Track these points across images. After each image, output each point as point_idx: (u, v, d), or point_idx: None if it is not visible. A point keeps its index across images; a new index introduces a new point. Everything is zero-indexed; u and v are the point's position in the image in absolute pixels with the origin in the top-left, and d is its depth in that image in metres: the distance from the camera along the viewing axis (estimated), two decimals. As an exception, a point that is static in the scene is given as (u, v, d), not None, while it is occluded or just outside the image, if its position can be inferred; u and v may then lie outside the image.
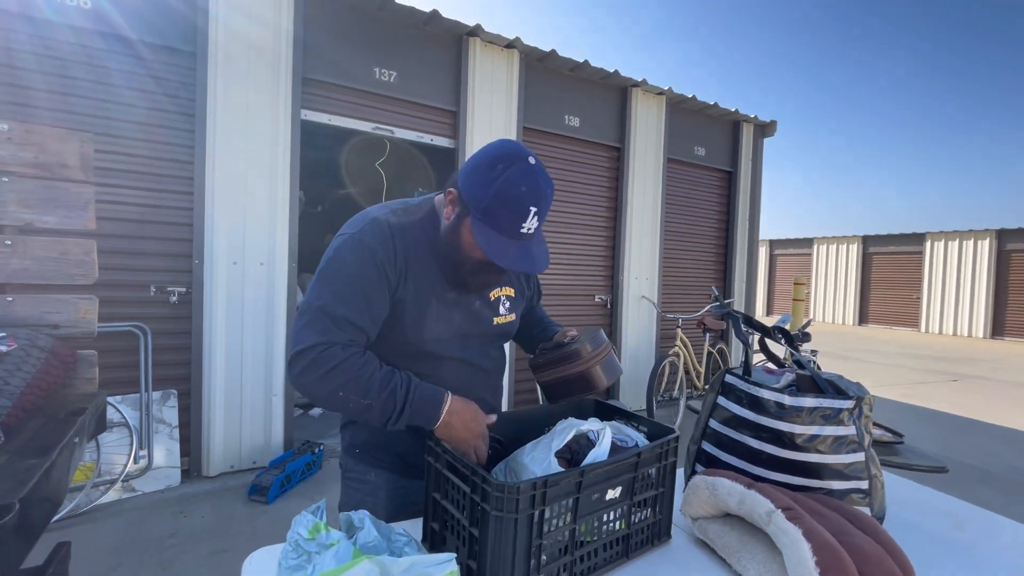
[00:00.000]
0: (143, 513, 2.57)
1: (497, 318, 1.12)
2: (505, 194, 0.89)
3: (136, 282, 2.84)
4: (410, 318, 1.00)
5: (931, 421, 5.00)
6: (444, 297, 1.03)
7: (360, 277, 0.94)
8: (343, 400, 0.91)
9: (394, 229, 0.98)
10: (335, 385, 0.90)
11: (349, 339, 0.92)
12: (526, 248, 0.94)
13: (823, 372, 1.13)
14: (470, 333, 1.08)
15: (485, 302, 1.10)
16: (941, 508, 1.18)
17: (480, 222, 0.92)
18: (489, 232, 0.91)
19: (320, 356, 0.90)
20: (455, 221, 0.97)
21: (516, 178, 0.90)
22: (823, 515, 0.86)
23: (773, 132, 5.60)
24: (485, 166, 0.92)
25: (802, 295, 5.27)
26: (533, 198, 0.91)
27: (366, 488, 1.11)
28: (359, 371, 0.90)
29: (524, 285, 1.23)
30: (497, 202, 0.90)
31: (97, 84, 2.72)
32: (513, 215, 0.90)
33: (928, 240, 14.03)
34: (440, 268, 1.02)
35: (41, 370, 1.26)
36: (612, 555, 0.89)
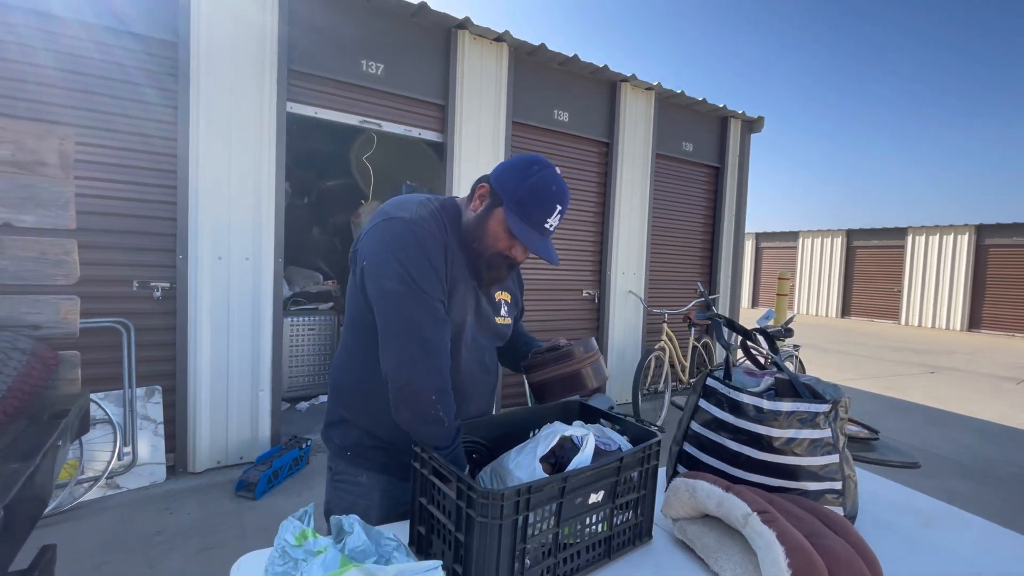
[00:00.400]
0: (128, 510, 2.55)
1: (498, 318, 1.19)
2: (538, 189, 1.03)
3: (118, 277, 2.79)
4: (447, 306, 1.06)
5: (907, 413, 5.14)
6: (468, 284, 1.11)
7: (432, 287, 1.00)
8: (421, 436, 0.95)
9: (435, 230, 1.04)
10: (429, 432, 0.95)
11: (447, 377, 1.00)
12: (545, 242, 1.07)
13: (801, 375, 1.17)
14: (481, 327, 1.15)
15: (490, 300, 1.18)
16: (911, 505, 1.23)
17: (513, 212, 1.04)
18: (519, 221, 1.04)
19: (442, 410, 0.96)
20: (484, 212, 1.07)
21: (549, 179, 1.05)
22: (797, 517, 0.90)
23: (760, 128, 5.65)
24: (522, 165, 1.06)
25: (786, 290, 5.35)
26: (560, 198, 1.05)
27: (358, 491, 1.12)
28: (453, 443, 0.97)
29: (519, 296, 1.31)
30: (531, 196, 1.03)
31: (75, 75, 2.65)
32: (542, 209, 1.04)
33: (910, 234, 14.29)
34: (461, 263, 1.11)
35: (23, 373, 1.24)
36: (595, 556, 0.91)
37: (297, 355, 4.27)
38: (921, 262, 14.02)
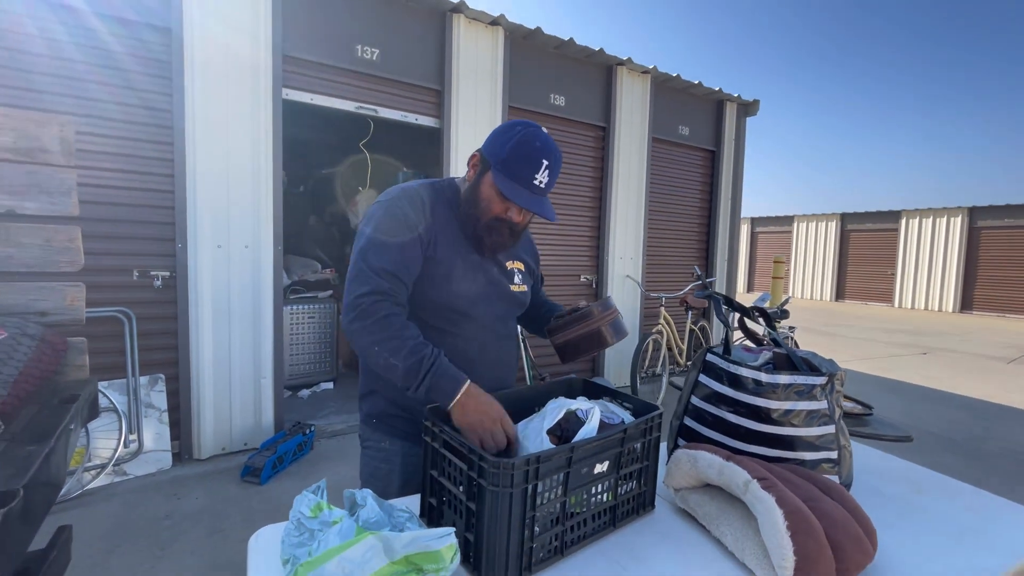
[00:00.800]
0: (136, 496, 2.59)
1: (513, 286, 1.22)
2: (521, 147, 1.05)
3: (118, 267, 2.79)
4: (440, 275, 1.11)
5: (900, 392, 5.23)
6: (469, 259, 1.14)
7: (396, 234, 1.07)
8: (377, 354, 1.00)
9: (424, 197, 1.13)
10: (376, 338, 1.00)
11: (390, 287, 1.03)
12: (538, 199, 1.08)
13: (798, 350, 1.20)
14: (492, 296, 1.18)
15: (502, 270, 1.21)
16: (904, 474, 1.27)
17: (500, 172, 1.07)
18: (506, 180, 1.06)
19: (371, 306, 1.01)
20: (476, 178, 1.11)
21: (531, 136, 1.06)
22: (795, 484, 0.93)
23: (756, 111, 5.64)
24: (505, 128, 1.09)
25: (781, 273, 5.39)
26: (545, 153, 1.06)
27: (381, 456, 1.19)
28: (399, 332, 1.00)
29: (533, 265, 1.33)
30: (514, 153, 1.05)
31: (68, 62, 2.62)
32: (528, 166, 1.05)
33: (903, 217, 14.36)
34: (462, 231, 1.14)
35: (33, 358, 1.26)
36: (600, 525, 0.95)
37: (297, 343, 4.29)
38: (915, 245, 14.11)
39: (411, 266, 1.07)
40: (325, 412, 3.83)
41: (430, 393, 0.98)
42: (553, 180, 1.09)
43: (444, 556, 0.73)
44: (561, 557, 0.88)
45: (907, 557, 0.91)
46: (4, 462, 1.02)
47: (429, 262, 1.10)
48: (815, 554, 0.78)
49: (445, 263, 1.11)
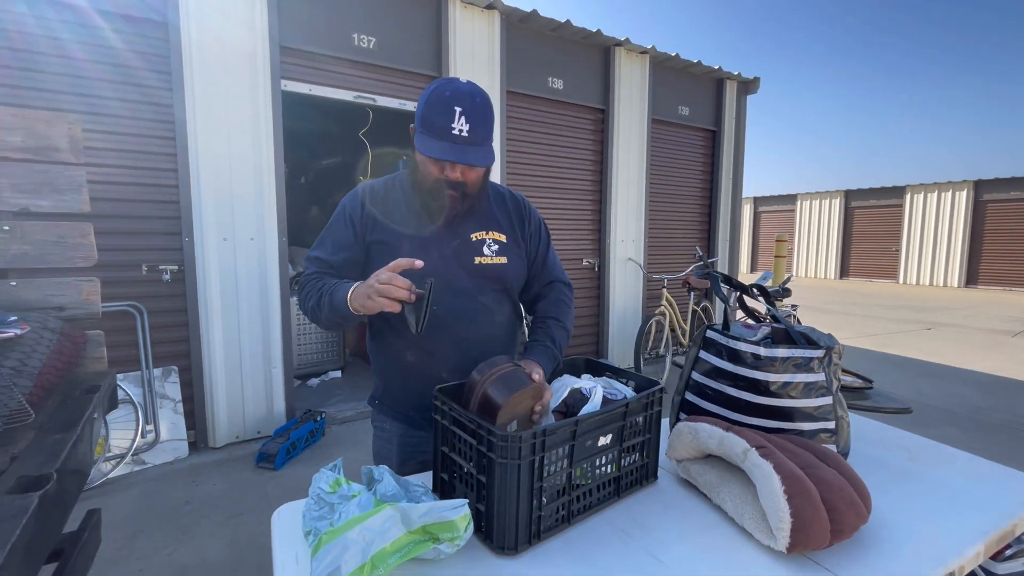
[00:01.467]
0: (156, 484, 2.67)
1: (480, 258, 1.18)
2: (431, 101, 1.05)
3: (127, 262, 2.84)
4: (385, 256, 1.11)
5: (903, 367, 5.26)
6: (417, 237, 1.15)
7: (332, 224, 1.21)
8: (312, 310, 1.13)
9: (365, 188, 1.21)
10: (302, 302, 1.16)
11: (317, 269, 1.17)
12: (460, 148, 1.05)
13: (797, 326, 1.23)
14: (449, 271, 1.14)
15: (465, 242, 1.17)
16: (900, 443, 1.31)
17: (420, 133, 1.07)
18: (426, 137, 1.06)
19: (299, 287, 1.19)
20: (413, 149, 1.13)
21: (441, 88, 1.05)
22: (792, 452, 0.97)
23: (756, 89, 5.59)
24: (424, 92, 1.09)
25: (784, 252, 5.40)
26: (456, 100, 1.03)
27: (384, 436, 1.25)
28: (310, 288, 1.14)
29: (519, 234, 1.25)
30: (427, 110, 1.05)
31: (70, 60, 2.63)
32: (442, 116, 1.03)
33: (908, 193, 14.24)
34: (419, 209, 1.17)
35: (54, 351, 1.31)
36: (605, 495, 0.99)
37: (305, 333, 4.35)
38: (919, 220, 14.02)
39: (340, 250, 1.17)
40: (334, 400, 3.90)
41: (335, 310, 1.06)
42: (479, 126, 1.04)
43: (458, 525, 0.77)
44: (568, 525, 0.92)
45: (899, 519, 0.95)
46: (36, 449, 1.07)
47: (375, 246, 1.17)
48: (810, 516, 0.82)
49: (389, 243, 1.15)
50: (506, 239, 1.22)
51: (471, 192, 1.13)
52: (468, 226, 1.18)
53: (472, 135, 1.04)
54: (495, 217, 1.24)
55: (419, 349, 1.16)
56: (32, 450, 1.06)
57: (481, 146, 1.06)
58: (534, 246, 1.30)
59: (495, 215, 1.24)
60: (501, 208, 1.26)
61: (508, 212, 1.27)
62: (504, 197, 1.29)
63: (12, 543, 0.79)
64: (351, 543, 0.71)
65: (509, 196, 1.30)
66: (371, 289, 0.96)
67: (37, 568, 0.92)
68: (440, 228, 1.16)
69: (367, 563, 0.70)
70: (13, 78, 2.52)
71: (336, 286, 1.07)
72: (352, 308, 1.02)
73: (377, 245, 1.16)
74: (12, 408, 1.08)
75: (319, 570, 0.69)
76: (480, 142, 1.06)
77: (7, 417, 1.05)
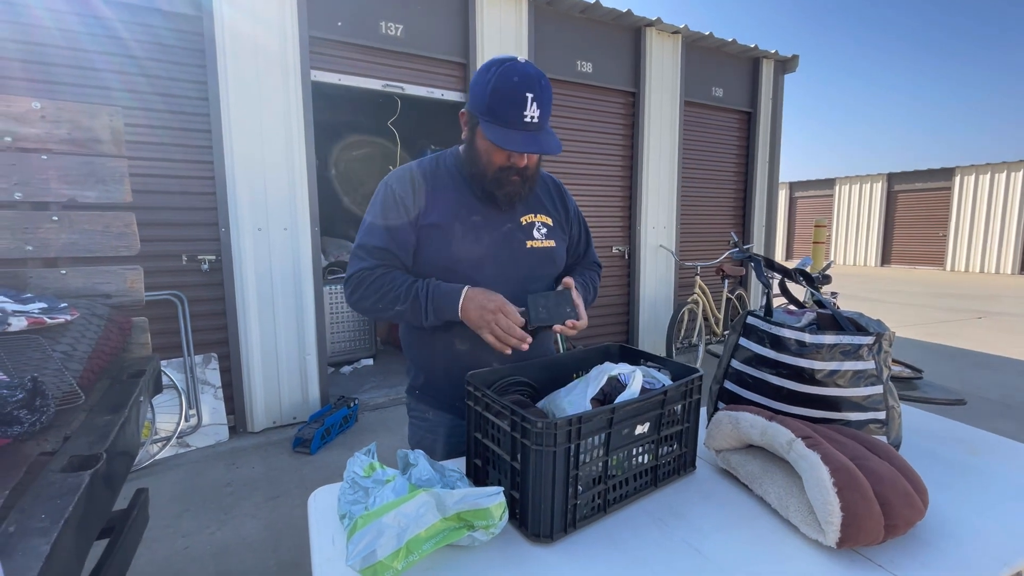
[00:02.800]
0: (199, 466, 2.77)
1: (531, 242, 1.17)
2: (500, 88, 1.00)
3: (168, 252, 2.93)
4: (438, 238, 1.12)
5: (952, 358, 5.01)
6: (469, 220, 1.13)
7: (383, 209, 1.13)
8: (383, 311, 1.09)
9: (414, 170, 1.16)
10: (375, 299, 1.09)
11: (378, 263, 1.11)
12: (533, 136, 1.03)
13: (844, 310, 1.16)
14: (502, 256, 1.14)
15: (517, 226, 1.17)
16: (956, 436, 1.23)
17: (488, 122, 1.02)
18: (496, 127, 1.02)
19: (358, 281, 1.10)
20: (469, 134, 1.10)
21: (508, 73, 1.00)
22: (841, 443, 0.92)
23: (795, 68, 5.35)
24: (480, 73, 1.04)
25: (823, 237, 5.19)
26: (526, 86, 1.00)
27: (426, 426, 1.23)
28: (388, 286, 1.08)
29: (563, 217, 1.26)
30: (496, 97, 1.00)
31: (108, 56, 2.71)
32: (512, 104, 1.00)
33: (958, 175, 13.48)
34: (468, 193, 1.14)
35: (102, 337, 1.36)
36: (642, 484, 0.97)
37: (337, 321, 4.43)
38: (970, 203, 13.26)
39: (400, 239, 1.11)
40: (367, 387, 3.97)
41: (439, 316, 1.05)
42: (547, 110, 1.04)
43: (493, 513, 0.76)
44: (604, 514, 0.90)
45: (960, 515, 0.89)
46: (86, 431, 1.11)
47: (426, 230, 1.12)
48: (863, 510, 0.78)
49: (442, 227, 1.11)
50: (552, 222, 1.22)
51: (531, 175, 1.13)
52: (518, 209, 1.18)
53: (541, 120, 1.03)
54: (540, 200, 1.23)
55: (468, 338, 1.12)
56: (83, 431, 1.11)
57: (548, 131, 1.06)
58: (576, 231, 1.31)
59: (540, 198, 1.23)
60: (544, 191, 1.25)
61: (551, 195, 1.26)
62: (545, 180, 1.27)
63: (66, 519, 0.82)
64: (386, 528, 0.71)
65: (549, 179, 1.29)
66: (486, 324, 1.01)
67: (89, 543, 0.96)
68: (491, 211, 1.14)
69: (402, 548, 0.70)
70: (57, 74, 2.61)
71: (438, 291, 1.05)
72: (462, 318, 1.04)
73: (429, 229, 1.12)
74: (64, 391, 1.13)
75: (355, 553, 0.69)
76: (546, 126, 1.06)
77: (60, 399, 1.10)
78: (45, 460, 0.99)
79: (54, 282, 1.47)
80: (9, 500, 0.86)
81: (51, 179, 1.42)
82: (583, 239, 1.33)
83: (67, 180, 1.44)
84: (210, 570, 1.95)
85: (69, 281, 1.48)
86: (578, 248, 1.32)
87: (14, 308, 1.20)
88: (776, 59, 5.25)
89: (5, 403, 0.90)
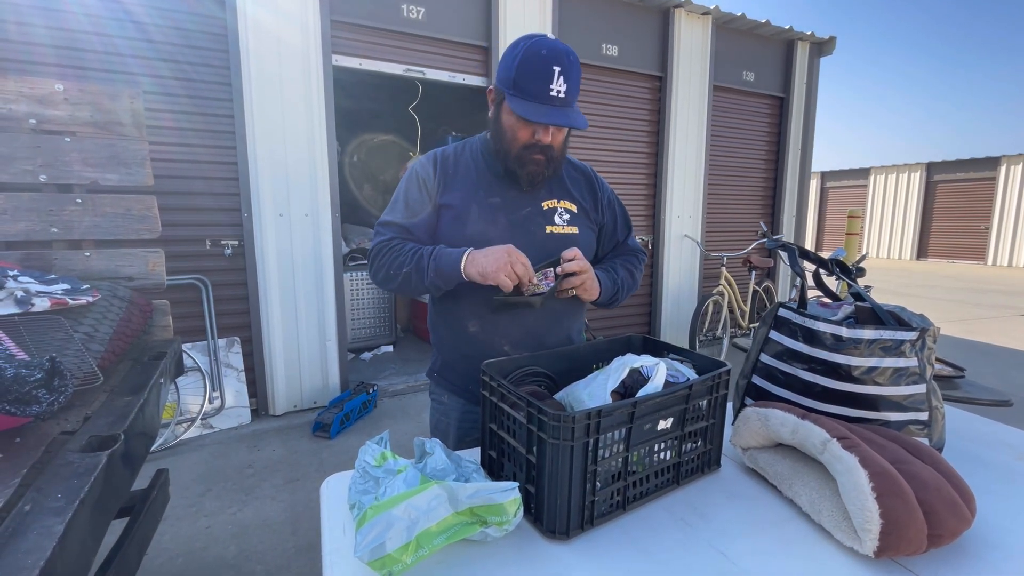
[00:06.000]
0: (222, 447, 2.83)
1: (551, 227, 1.16)
2: (527, 61, 0.99)
3: (192, 236, 2.97)
4: (453, 218, 1.13)
5: (994, 356, 4.78)
6: (487, 202, 1.13)
7: (405, 189, 1.16)
8: (394, 278, 1.09)
9: (438, 154, 1.17)
10: (385, 269, 1.10)
11: (395, 234, 1.13)
12: (559, 111, 1.02)
13: (885, 304, 1.09)
14: (518, 237, 1.12)
15: (537, 210, 1.16)
16: (1003, 439, 1.15)
17: (514, 96, 1.01)
18: (521, 100, 1.01)
19: (376, 252, 1.13)
20: (495, 110, 1.10)
21: (535, 47, 1.00)
22: (880, 445, 0.86)
23: (831, 51, 5.12)
24: (508, 50, 1.04)
25: (856, 229, 4.98)
26: (554, 58, 0.99)
27: (441, 409, 1.24)
28: (396, 252, 1.10)
29: (590, 205, 1.24)
30: (522, 71, 1.00)
31: (130, 41, 2.74)
32: (539, 77, 0.99)
33: (1003, 164, 12.82)
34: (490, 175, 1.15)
35: (123, 318, 1.37)
36: (663, 481, 0.92)
37: (357, 308, 4.46)
38: (1016, 194, 12.62)
39: (420, 217, 1.13)
40: (386, 373, 4.00)
41: (440, 274, 1.05)
42: (574, 86, 1.02)
43: (508, 510, 0.74)
44: (623, 512, 0.86)
45: (1009, 525, 0.83)
46: (106, 411, 1.12)
47: (443, 209, 1.14)
48: (904, 518, 0.72)
49: (458, 207, 1.12)
50: (576, 209, 1.20)
51: (556, 156, 1.10)
52: (539, 194, 1.16)
53: (569, 95, 1.01)
54: (565, 186, 1.21)
55: (482, 321, 1.13)
56: (103, 412, 1.12)
57: (574, 107, 1.04)
58: (610, 219, 1.28)
59: (565, 184, 1.21)
60: (571, 177, 1.23)
61: (579, 182, 1.24)
62: (574, 166, 1.25)
63: (81, 498, 0.82)
64: (396, 519, 0.68)
65: (580, 167, 1.27)
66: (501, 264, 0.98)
67: (107, 522, 0.97)
68: (511, 195, 1.14)
69: (412, 541, 0.67)
70: (83, 59, 2.65)
71: (442, 251, 1.06)
72: (465, 273, 1.02)
73: (446, 209, 1.13)
74: (85, 371, 1.14)
75: (363, 544, 0.67)
76: (573, 103, 1.04)
77: (80, 380, 1.11)
78: (65, 439, 1.00)
79: (79, 264, 1.48)
80: (27, 479, 0.86)
81: (74, 161, 1.43)
82: (620, 226, 1.30)
83: (90, 163, 1.45)
84: (231, 549, 1.99)
85: (92, 263, 1.50)
86: (615, 236, 1.30)
87: (38, 289, 1.22)
88: (812, 41, 5.03)
89: (24, 383, 0.91)
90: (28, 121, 1.39)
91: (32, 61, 2.55)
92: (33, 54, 2.55)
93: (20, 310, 1.14)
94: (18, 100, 1.37)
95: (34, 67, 2.55)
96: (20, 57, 2.53)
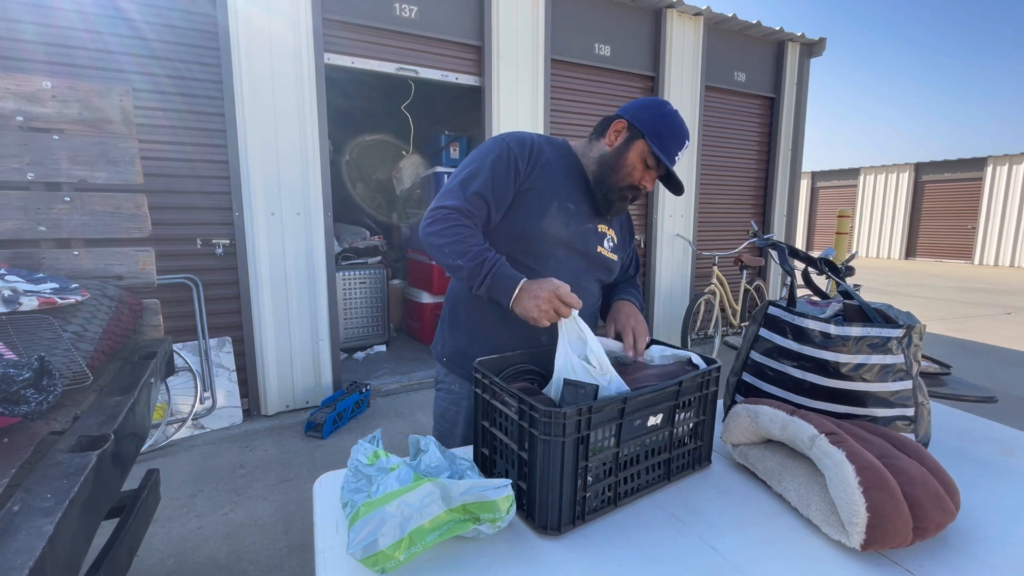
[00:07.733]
0: (213, 448, 2.81)
1: (600, 248, 1.24)
2: (672, 124, 1.15)
3: (182, 235, 2.95)
4: (535, 205, 1.16)
5: (980, 354, 4.85)
6: (565, 205, 1.18)
7: (494, 161, 1.14)
8: (446, 256, 1.09)
9: (534, 139, 1.20)
10: (444, 241, 1.08)
11: (470, 208, 1.11)
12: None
13: (872, 302, 1.11)
14: (575, 247, 1.20)
15: (594, 230, 1.24)
16: (988, 434, 1.17)
17: (655, 143, 1.14)
18: (661, 151, 1.14)
19: (444, 216, 1.10)
20: (622, 145, 1.18)
21: (677, 115, 1.17)
22: (867, 440, 0.87)
23: (822, 51, 5.16)
24: (655, 103, 1.17)
25: (846, 228, 5.03)
26: (686, 133, 1.17)
27: (451, 397, 1.24)
28: (465, 238, 1.08)
29: (627, 239, 1.37)
30: (668, 129, 1.14)
31: (121, 38, 2.71)
32: (676, 141, 1.15)
33: (990, 165, 13.01)
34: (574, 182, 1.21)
35: (113, 317, 1.36)
36: (655, 478, 0.93)
37: (350, 307, 4.45)
38: (1002, 195, 12.80)
39: (499, 194, 1.13)
40: (379, 373, 3.99)
41: (491, 292, 1.07)
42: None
43: (500, 507, 0.74)
44: (615, 507, 0.87)
45: (993, 518, 0.84)
46: (95, 411, 1.11)
47: (528, 194, 1.15)
48: (890, 512, 0.73)
49: (542, 196, 1.16)
50: (617, 240, 1.31)
51: (638, 198, 1.24)
52: (598, 217, 1.25)
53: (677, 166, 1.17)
54: (616, 219, 1.32)
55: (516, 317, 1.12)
56: (92, 412, 1.11)
57: None
58: (628, 254, 1.41)
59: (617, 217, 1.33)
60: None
61: (620, 219, 1.36)
62: None
63: (71, 498, 0.82)
64: (388, 517, 0.69)
65: None
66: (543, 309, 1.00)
67: (97, 523, 0.96)
68: (583, 208, 1.21)
69: (405, 538, 0.67)
70: (67, 54, 2.61)
71: (500, 272, 1.06)
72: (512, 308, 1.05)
73: (531, 193, 1.16)
74: (74, 371, 1.13)
75: (356, 541, 0.67)
76: None
77: (69, 379, 1.10)
78: (54, 439, 0.99)
79: (67, 263, 1.47)
80: (16, 479, 0.86)
81: (62, 159, 1.41)
82: (633, 262, 1.46)
83: (78, 161, 1.44)
84: (223, 550, 1.98)
85: (81, 263, 1.48)
86: (627, 270, 1.44)
87: (26, 288, 1.20)
88: (802, 42, 5.07)
89: (12, 382, 0.90)
90: (15, 118, 1.37)
91: (21, 58, 2.51)
92: (22, 51, 2.51)
93: (8, 309, 1.13)
94: (5, 97, 1.35)
95: (22, 64, 2.51)
96: (8, 54, 2.49)
